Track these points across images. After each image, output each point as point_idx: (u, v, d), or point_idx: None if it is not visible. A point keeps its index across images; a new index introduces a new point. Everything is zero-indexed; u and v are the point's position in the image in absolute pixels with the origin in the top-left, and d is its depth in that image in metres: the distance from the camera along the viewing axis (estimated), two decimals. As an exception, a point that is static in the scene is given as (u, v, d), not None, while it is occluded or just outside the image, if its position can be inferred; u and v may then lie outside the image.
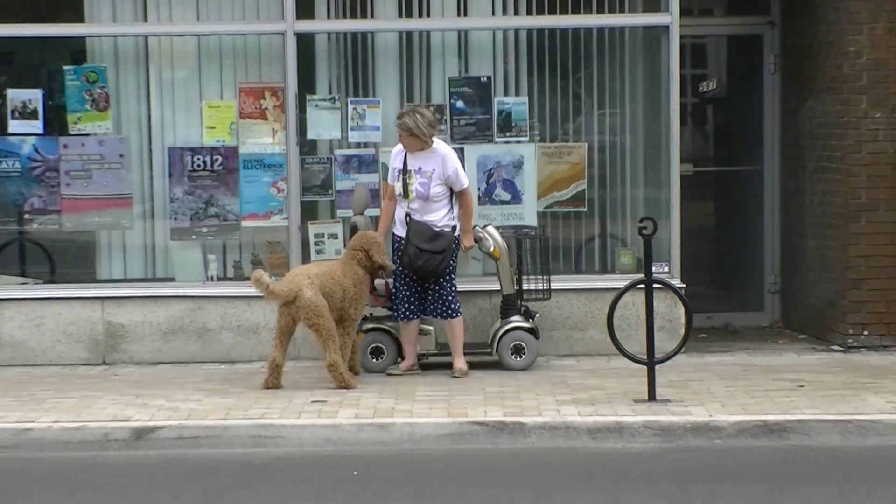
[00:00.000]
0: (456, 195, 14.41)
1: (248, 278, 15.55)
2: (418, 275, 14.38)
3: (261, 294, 13.85)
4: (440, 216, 14.38)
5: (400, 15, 15.87)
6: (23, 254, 16.18)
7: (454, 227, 14.41)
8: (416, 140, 14.21)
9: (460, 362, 14.49)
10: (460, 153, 15.50)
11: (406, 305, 14.53)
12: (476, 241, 14.88)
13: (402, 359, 14.73)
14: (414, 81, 15.96)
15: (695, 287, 15.43)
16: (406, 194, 14.34)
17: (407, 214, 14.39)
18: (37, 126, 15.81)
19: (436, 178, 14.27)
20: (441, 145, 14.39)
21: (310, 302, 13.63)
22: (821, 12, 16.02)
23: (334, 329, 13.80)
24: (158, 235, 15.98)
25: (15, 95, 15.83)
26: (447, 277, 14.41)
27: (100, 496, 10.89)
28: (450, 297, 14.45)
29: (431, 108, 14.77)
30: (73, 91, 15.85)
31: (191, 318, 15.57)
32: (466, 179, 14.44)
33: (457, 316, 14.49)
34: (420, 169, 14.29)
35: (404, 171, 14.34)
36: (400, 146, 14.42)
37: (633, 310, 14.16)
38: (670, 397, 13.13)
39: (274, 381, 13.94)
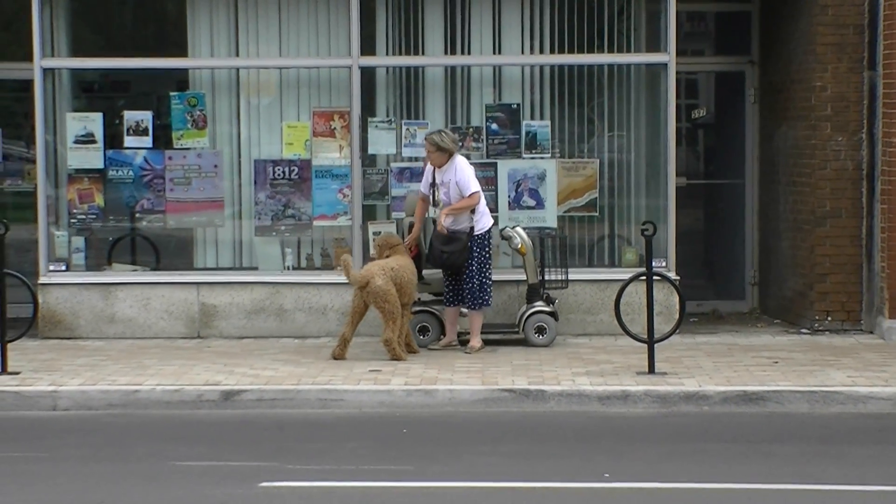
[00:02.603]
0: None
1: (318, 268, 15.66)
2: (443, 268, 14.39)
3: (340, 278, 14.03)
4: (461, 220, 14.31)
5: (445, 52, 15.82)
6: (133, 246, 16.14)
7: (471, 230, 14.30)
8: (441, 154, 14.19)
9: (475, 341, 14.42)
10: (493, 167, 15.62)
11: (448, 294, 14.48)
12: (506, 238, 14.89)
13: (444, 336, 14.60)
14: (456, 107, 15.88)
15: (687, 279, 15.30)
16: (435, 203, 14.37)
17: (433, 220, 14.52)
18: (147, 141, 15.75)
19: (453, 187, 14.24)
20: (458, 158, 14.35)
21: (380, 289, 13.64)
22: (793, 54, 15.93)
23: (398, 312, 13.81)
24: (245, 232, 15.91)
25: (130, 116, 15.77)
26: (471, 272, 14.30)
27: (194, 447, 10.94)
28: (476, 292, 14.35)
29: (453, 131, 14.85)
30: (177, 113, 15.81)
31: (270, 301, 15.50)
32: (474, 187, 14.25)
33: (478, 308, 14.40)
34: (443, 181, 14.30)
35: (433, 185, 14.36)
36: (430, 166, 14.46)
37: (636, 297, 14.02)
38: (667, 371, 13.07)
39: (340, 353, 13.90)
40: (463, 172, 14.23)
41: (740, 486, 9.47)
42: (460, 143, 14.72)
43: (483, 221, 14.38)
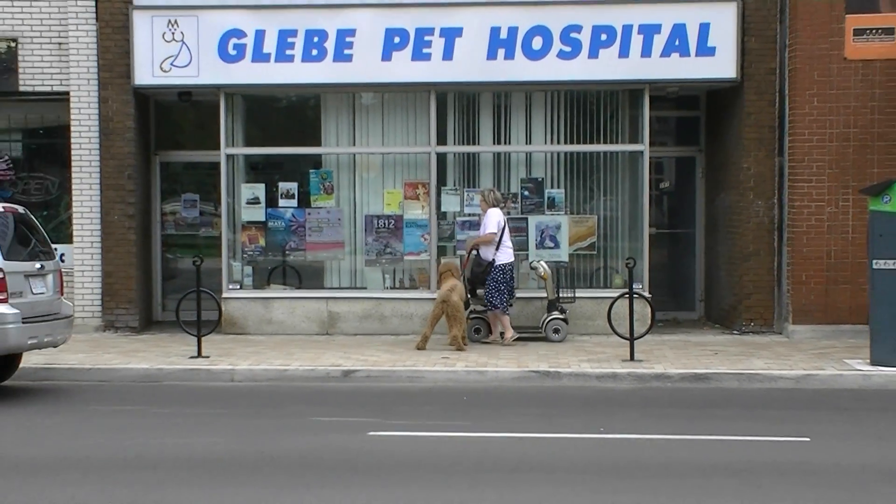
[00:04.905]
0: None
1: (407, 288, 15.72)
2: (473, 282, 14.34)
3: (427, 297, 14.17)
4: (487, 252, 14.24)
5: (494, 143, 15.77)
6: (284, 272, 16.13)
7: (493, 261, 14.20)
8: (484, 203, 14.39)
9: (508, 333, 14.29)
10: (525, 221, 15.56)
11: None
12: (533, 269, 14.94)
13: (491, 334, 14.55)
14: (501, 180, 15.81)
15: (656, 296, 15.22)
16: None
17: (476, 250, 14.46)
18: (293, 203, 15.81)
19: (482, 227, 14.30)
20: (491, 210, 14.33)
21: (455, 303, 13.71)
22: (728, 145, 15.86)
23: (463, 318, 13.87)
24: (358, 263, 15.91)
25: (283, 185, 15.84)
26: (488, 287, 14.18)
27: (323, 408, 10.93)
28: (492, 299, 14.20)
29: (501, 193, 14.77)
30: (314, 183, 15.86)
31: (375, 310, 15.51)
32: (489, 230, 14.17)
33: (495, 309, 14.26)
34: (481, 223, 14.47)
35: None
36: None
37: (622, 309, 13.87)
38: (642, 359, 13.02)
39: (422, 345, 13.87)
40: (488, 219, 14.24)
41: (694, 437, 9.43)
42: (502, 204, 14.68)
43: (502, 257, 14.25)
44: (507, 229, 14.37)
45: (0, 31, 15.47)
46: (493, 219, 14.25)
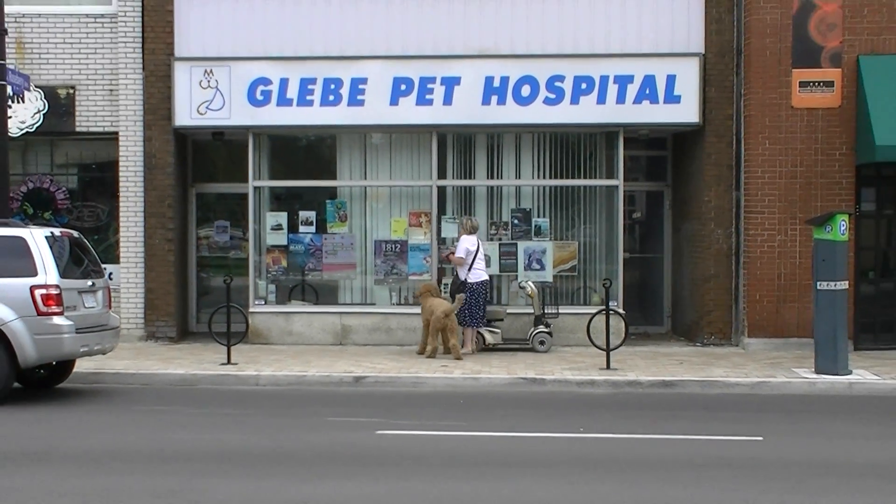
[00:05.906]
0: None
1: (411, 304, 15.65)
2: (454, 296, 14.14)
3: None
4: (462, 272, 14.21)
5: (488, 178, 15.84)
6: (303, 290, 16.18)
7: (466, 280, 14.15)
8: (462, 228, 14.39)
9: (467, 347, 14.13)
10: (514, 246, 15.58)
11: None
12: (522, 288, 14.98)
13: (482, 344, 14.54)
14: (493, 210, 15.89)
15: (629, 312, 15.28)
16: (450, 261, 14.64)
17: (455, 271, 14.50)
18: (312, 229, 15.84)
19: (457, 252, 14.27)
20: (464, 236, 14.30)
21: (450, 318, 13.75)
22: (692, 181, 15.95)
23: (457, 330, 13.87)
24: (368, 282, 15.94)
25: (302, 214, 15.88)
26: (464, 306, 14.03)
27: (337, 409, 10.96)
28: (466, 317, 14.11)
29: (475, 221, 14.60)
30: (329, 212, 15.90)
31: (383, 323, 15.55)
32: (460, 254, 14.15)
33: (465, 326, 14.16)
34: (453, 245, 14.54)
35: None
36: None
37: (599, 323, 13.94)
38: (617, 367, 13.05)
39: (432, 354, 13.86)
40: (460, 244, 14.26)
41: (661, 436, 9.49)
42: (476, 230, 14.46)
43: (473, 277, 14.16)
44: (479, 253, 14.29)
45: (61, 80, 15.65)
46: (463, 245, 14.24)
